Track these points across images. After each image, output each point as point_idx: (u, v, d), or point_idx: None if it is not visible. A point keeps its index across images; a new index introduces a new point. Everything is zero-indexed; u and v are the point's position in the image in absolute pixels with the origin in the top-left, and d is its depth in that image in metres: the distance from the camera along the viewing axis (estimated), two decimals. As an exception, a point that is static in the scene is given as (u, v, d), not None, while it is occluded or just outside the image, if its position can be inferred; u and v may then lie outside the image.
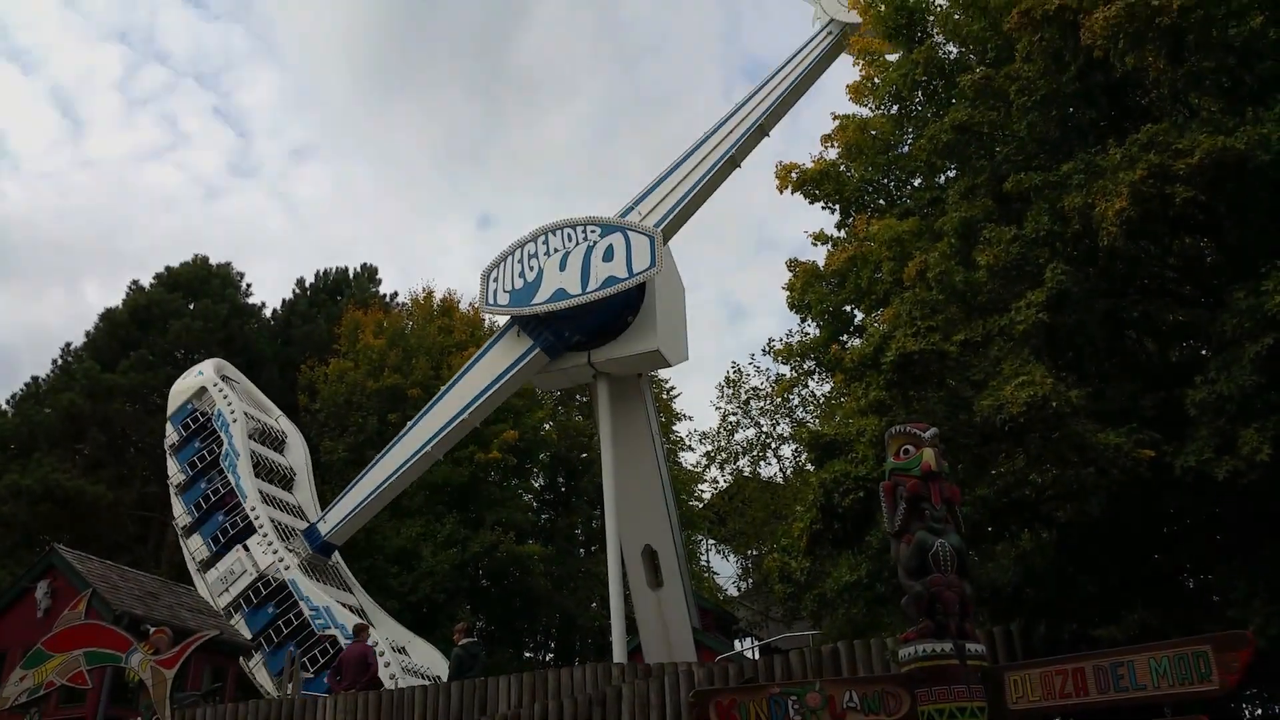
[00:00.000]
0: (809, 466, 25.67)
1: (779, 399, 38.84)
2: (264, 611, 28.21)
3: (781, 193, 22.48)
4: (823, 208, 22.10)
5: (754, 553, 46.68)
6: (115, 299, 49.79)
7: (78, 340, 48.44)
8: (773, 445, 40.51)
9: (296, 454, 35.18)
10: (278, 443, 34.94)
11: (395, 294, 55.08)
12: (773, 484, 40.79)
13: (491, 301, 29.41)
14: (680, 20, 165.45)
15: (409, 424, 31.40)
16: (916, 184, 20.49)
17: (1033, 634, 13.69)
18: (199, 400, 34.53)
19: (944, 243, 15.60)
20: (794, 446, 38.44)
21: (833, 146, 21.88)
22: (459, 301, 49.91)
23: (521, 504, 46.08)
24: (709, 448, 42.48)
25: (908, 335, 13.88)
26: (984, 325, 14.10)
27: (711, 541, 50.43)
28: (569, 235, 28.70)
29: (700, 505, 46.83)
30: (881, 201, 21.40)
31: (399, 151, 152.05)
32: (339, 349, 45.35)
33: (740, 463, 41.55)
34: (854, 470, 15.02)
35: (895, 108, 20.32)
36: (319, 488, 40.54)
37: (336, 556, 32.04)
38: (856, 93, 21.97)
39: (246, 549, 29.53)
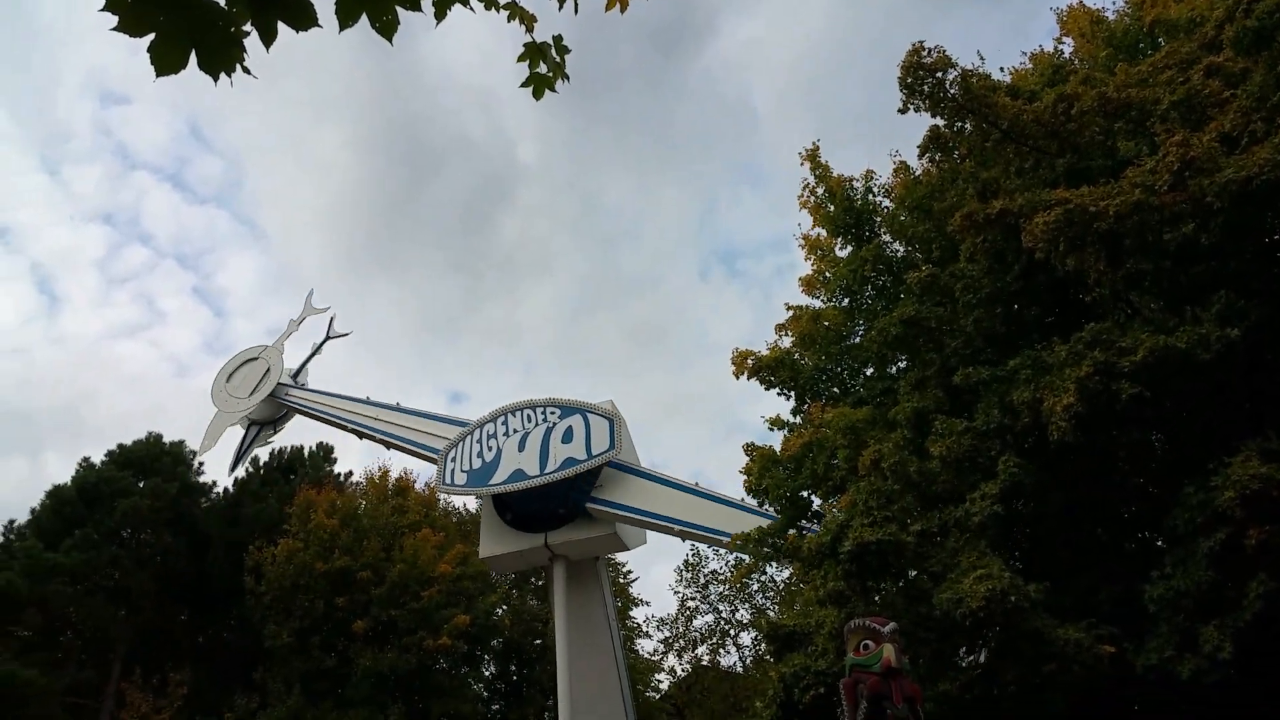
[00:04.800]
0: (769, 657, 24.96)
1: (738, 584, 38.20)
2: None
3: (738, 378, 22.80)
4: (779, 394, 22.42)
5: (714, 749, 44.59)
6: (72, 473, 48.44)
7: (25, 516, 46.79)
8: (732, 633, 39.58)
9: None
10: None
11: (350, 473, 54.18)
12: (732, 674, 39.48)
13: (449, 481, 28.97)
14: (659, 207, 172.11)
15: None
16: (869, 373, 20.92)
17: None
18: None
19: (898, 433, 15.78)
20: (753, 635, 37.50)
21: (787, 335, 22.43)
22: (415, 481, 49.17)
23: (471, 694, 43.94)
24: (667, 634, 41.36)
25: (864, 525, 13.83)
26: (940, 516, 14.12)
27: (670, 736, 48.15)
28: (529, 416, 28.71)
29: (657, 696, 44.97)
30: (835, 389, 21.76)
31: (373, 328, 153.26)
32: (289, 529, 44.13)
33: (699, 650, 40.44)
34: (814, 664, 14.66)
35: (846, 300, 21.00)
36: (262, 675, 38.79)
37: None
38: (809, 285, 22.74)
39: None
